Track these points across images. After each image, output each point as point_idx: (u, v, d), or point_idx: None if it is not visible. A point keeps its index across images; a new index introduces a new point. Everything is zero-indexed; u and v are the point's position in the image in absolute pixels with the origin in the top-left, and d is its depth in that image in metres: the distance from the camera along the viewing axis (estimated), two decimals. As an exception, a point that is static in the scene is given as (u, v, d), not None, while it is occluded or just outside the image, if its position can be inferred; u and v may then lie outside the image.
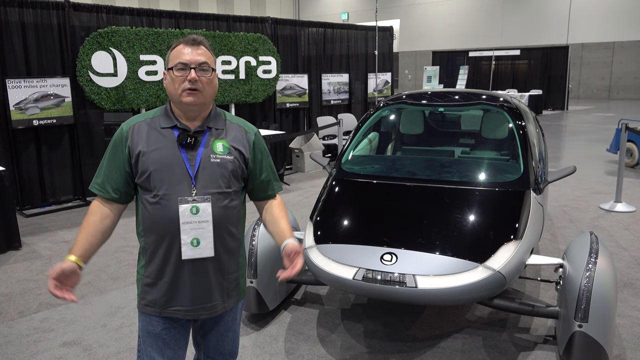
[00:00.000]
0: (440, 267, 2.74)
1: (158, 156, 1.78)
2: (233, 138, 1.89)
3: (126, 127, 1.84)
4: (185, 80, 1.77)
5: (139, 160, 1.79)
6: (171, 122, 1.83)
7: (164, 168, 1.77)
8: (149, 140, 1.80)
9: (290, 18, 15.80)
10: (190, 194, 1.78)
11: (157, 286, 1.84)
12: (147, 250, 1.84)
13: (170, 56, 1.82)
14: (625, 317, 3.51)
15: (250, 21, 8.33)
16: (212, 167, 1.81)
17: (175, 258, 1.80)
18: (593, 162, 9.09)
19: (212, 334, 2.01)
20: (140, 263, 1.89)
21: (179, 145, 1.80)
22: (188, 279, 1.83)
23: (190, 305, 1.86)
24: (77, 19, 6.44)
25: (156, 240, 1.81)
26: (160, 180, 1.77)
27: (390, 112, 4.75)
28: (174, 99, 1.81)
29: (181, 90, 1.77)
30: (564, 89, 19.97)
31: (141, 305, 1.89)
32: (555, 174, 3.70)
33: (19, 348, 3.25)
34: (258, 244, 3.43)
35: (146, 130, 1.82)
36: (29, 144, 6.28)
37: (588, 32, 24.00)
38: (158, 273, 1.83)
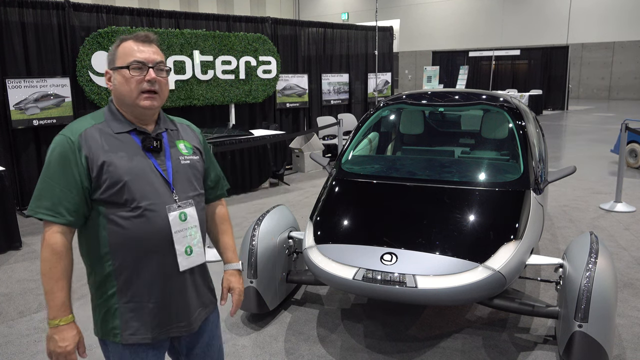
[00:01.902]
0: (440, 267, 2.74)
1: (127, 165, 1.59)
2: (189, 138, 1.81)
3: (73, 135, 1.58)
4: (143, 81, 1.61)
5: (104, 172, 1.56)
6: (126, 126, 1.65)
7: (138, 177, 1.59)
8: (109, 147, 1.59)
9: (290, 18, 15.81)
10: (174, 201, 1.65)
11: (148, 309, 1.65)
12: (119, 274, 1.62)
13: (119, 53, 1.63)
14: (625, 317, 3.51)
15: (250, 21, 8.33)
16: (184, 169, 1.71)
17: (167, 272, 1.65)
18: (593, 162, 9.09)
19: (198, 348, 1.85)
20: (108, 290, 1.64)
21: (145, 150, 1.64)
22: (181, 291, 1.69)
23: (182, 320, 1.72)
24: (77, 19, 6.44)
25: (137, 258, 1.61)
26: (138, 190, 1.58)
27: (390, 112, 4.75)
28: (128, 101, 1.63)
29: (138, 91, 1.61)
30: (564, 89, 19.98)
31: (126, 337, 1.65)
32: (555, 174, 3.70)
33: (19, 348, 3.25)
34: (258, 244, 3.43)
35: (100, 137, 1.60)
36: (29, 144, 6.28)
37: (588, 32, 24.01)
38: (145, 293, 1.64)
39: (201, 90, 7.54)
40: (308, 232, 3.24)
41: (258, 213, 6.06)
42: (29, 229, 5.66)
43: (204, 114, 7.90)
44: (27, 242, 5.23)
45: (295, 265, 3.80)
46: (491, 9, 26.75)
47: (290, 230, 3.71)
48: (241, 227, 5.58)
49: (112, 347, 1.69)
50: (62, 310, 1.61)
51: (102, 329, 1.69)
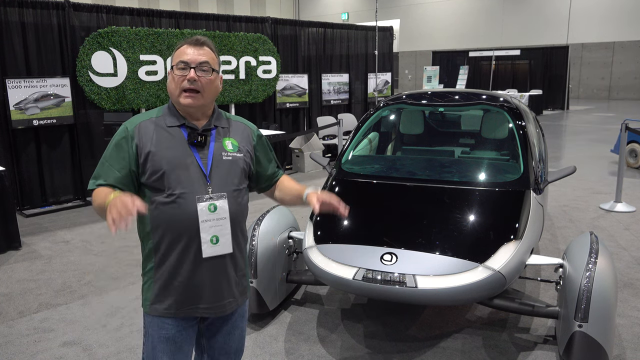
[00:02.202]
0: (440, 267, 2.74)
1: (170, 155, 1.75)
2: (239, 136, 1.92)
3: (130, 126, 1.79)
4: (185, 79, 1.76)
5: (149, 160, 1.74)
6: (178, 120, 1.81)
7: (177, 167, 1.75)
8: (158, 139, 1.77)
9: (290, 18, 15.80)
10: (207, 192, 1.78)
11: (173, 286, 1.81)
12: (157, 251, 1.80)
13: (174, 56, 1.81)
14: (625, 317, 3.51)
15: (250, 21, 8.33)
16: (224, 165, 1.83)
17: (193, 256, 1.79)
18: (593, 162, 9.09)
19: (220, 334, 1.98)
20: (148, 265, 1.84)
21: (189, 144, 1.79)
22: (206, 276, 1.82)
23: (209, 303, 1.85)
24: (77, 19, 6.44)
25: (171, 240, 1.77)
26: (175, 179, 1.74)
27: (390, 112, 4.75)
28: (173, 98, 1.81)
29: (179, 90, 1.77)
30: (564, 89, 19.97)
31: (153, 308, 1.83)
32: (555, 174, 3.70)
33: (19, 348, 3.25)
34: (258, 244, 3.43)
35: (152, 129, 1.78)
36: (29, 144, 6.28)
37: (588, 32, 24.00)
38: (173, 272, 1.80)
39: (201, 90, 7.52)
40: (308, 232, 3.24)
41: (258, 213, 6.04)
42: (29, 229, 5.66)
43: (204, 114, 7.89)
44: (27, 242, 5.23)
45: (295, 265, 3.80)
46: (491, 9, 26.74)
47: (290, 230, 3.71)
48: (241, 227, 5.58)
49: (146, 317, 1.88)
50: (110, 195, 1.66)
51: (143, 298, 1.88)
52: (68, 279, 4.29)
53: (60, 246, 5.09)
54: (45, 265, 4.61)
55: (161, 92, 7.07)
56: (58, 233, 5.52)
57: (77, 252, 4.89)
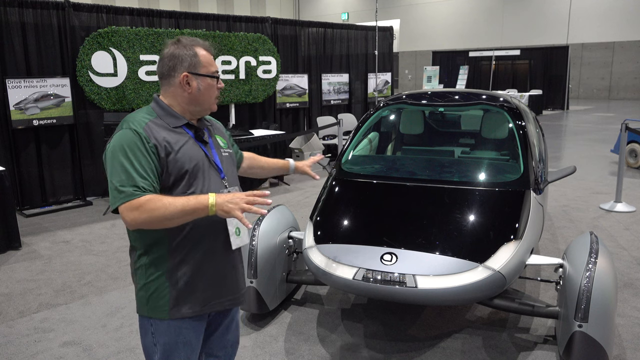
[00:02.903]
0: (440, 267, 2.74)
1: (189, 154, 1.77)
2: (221, 132, 2.03)
3: (138, 128, 1.73)
4: (217, 88, 1.87)
5: (170, 160, 1.73)
6: (180, 120, 1.83)
7: (197, 165, 1.79)
8: (170, 139, 1.76)
9: (290, 18, 15.80)
10: (225, 186, 1.86)
11: (200, 283, 1.81)
12: (176, 253, 1.77)
13: (203, 61, 1.81)
14: (625, 317, 3.51)
15: (250, 21, 8.33)
16: (227, 160, 1.94)
17: (218, 249, 1.84)
18: (593, 162, 9.09)
19: (219, 330, 2.02)
20: (158, 270, 1.78)
21: (198, 141, 1.84)
22: (228, 268, 1.89)
23: (232, 294, 1.92)
24: (77, 19, 6.44)
25: (194, 237, 1.78)
26: (196, 177, 1.78)
27: (390, 112, 4.75)
28: (205, 104, 1.85)
29: (214, 98, 1.87)
30: (564, 89, 19.96)
31: (173, 313, 1.79)
32: (555, 174, 3.70)
33: (19, 348, 3.25)
34: (258, 244, 3.43)
35: (159, 130, 1.76)
36: (29, 144, 6.28)
37: (588, 32, 24.00)
38: (197, 270, 1.80)
39: (201, 90, 7.53)
40: (308, 232, 3.23)
41: (258, 213, 6.04)
42: (29, 229, 5.66)
43: (204, 114, 7.89)
44: (27, 242, 5.23)
45: (295, 265, 3.80)
46: (491, 9, 26.74)
47: (290, 230, 3.71)
48: (241, 227, 5.58)
49: (157, 325, 1.82)
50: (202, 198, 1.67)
51: (149, 307, 1.80)
52: (68, 279, 4.29)
53: (60, 246, 5.09)
54: (45, 265, 4.61)
55: (161, 92, 7.07)
56: (58, 233, 5.52)
57: (77, 252, 4.88)
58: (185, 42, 1.81)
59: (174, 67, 1.79)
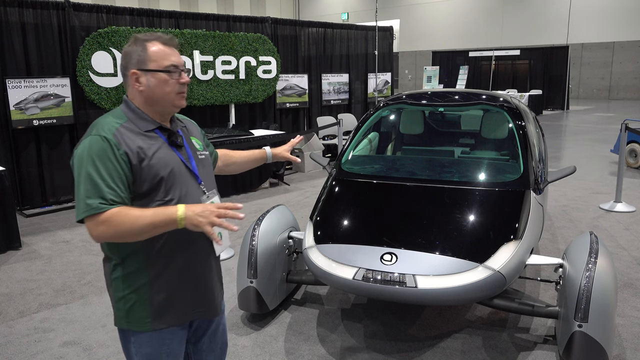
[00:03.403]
0: (440, 267, 2.74)
1: (162, 160, 1.69)
2: (196, 134, 1.95)
3: (107, 134, 1.63)
4: (178, 83, 1.73)
5: (142, 167, 1.65)
6: (152, 124, 1.73)
7: (173, 171, 1.70)
8: (141, 144, 1.67)
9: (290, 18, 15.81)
10: (203, 192, 1.79)
11: (179, 294, 1.75)
12: (154, 263, 1.70)
13: (151, 56, 1.69)
14: (625, 317, 3.51)
15: (250, 21, 8.33)
16: (203, 163, 1.86)
17: (201, 257, 1.79)
18: (593, 162, 9.09)
19: (206, 336, 1.96)
20: (138, 281, 1.70)
21: (172, 145, 1.75)
22: (210, 274, 1.84)
23: (213, 302, 1.87)
24: (77, 19, 6.44)
25: (176, 246, 1.71)
26: (172, 184, 1.69)
27: (390, 112, 4.75)
28: (164, 102, 1.72)
29: (175, 93, 1.73)
30: (564, 89, 19.97)
31: (154, 324, 1.73)
32: (555, 174, 3.70)
33: (19, 348, 3.25)
34: (258, 244, 3.43)
35: (130, 135, 1.67)
36: (29, 144, 6.28)
37: (588, 32, 24.00)
38: (178, 280, 1.74)
39: (201, 90, 7.54)
40: (308, 232, 3.24)
41: (258, 213, 6.06)
42: (29, 229, 5.66)
43: (204, 114, 7.90)
44: (27, 242, 5.23)
45: (295, 265, 3.80)
46: (491, 9, 26.74)
47: (290, 230, 3.71)
48: (241, 227, 5.58)
49: (138, 336, 1.74)
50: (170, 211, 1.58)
51: (129, 319, 1.73)
52: (68, 279, 4.29)
53: (60, 246, 5.09)
54: (45, 265, 4.61)
55: (161, 92, 7.07)
56: (58, 233, 5.52)
57: (77, 252, 4.88)
58: (140, 38, 1.72)
59: (125, 65, 1.72)
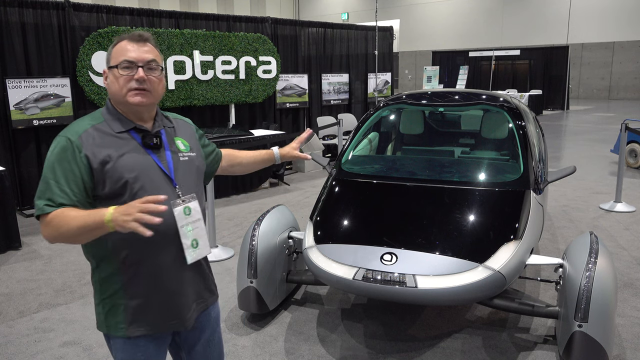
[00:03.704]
0: (440, 267, 2.74)
1: (129, 162, 1.62)
2: (186, 134, 1.85)
3: (73, 136, 1.60)
4: (132, 79, 1.63)
5: (106, 171, 1.59)
6: (126, 124, 1.67)
7: (140, 174, 1.62)
8: (109, 146, 1.62)
9: (290, 18, 15.81)
10: (178, 196, 1.68)
11: (151, 302, 1.69)
12: (125, 269, 1.66)
13: (113, 53, 1.66)
14: (625, 317, 3.51)
15: (250, 21, 8.33)
16: (183, 165, 1.75)
17: (172, 265, 1.69)
18: (593, 162, 9.09)
19: (200, 344, 1.90)
20: (112, 287, 1.68)
21: (145, 147, 1.67)
22: (184, 284, 1.73)
23: (188, 312, 1.77)
24: (77, 19, 6.44)
25: (142, 253, 1.65)
26: (140, 187, 1.61)
27: (390, 112, 4.75)
28: (118, 99, 1.66)
29: (127, 90, 1.64)
30: (564, 89, 19.97)
31: (129, 331, 1.69)
32: (555, 174, 3.70)
33: (19, 348, 3.25)
34: (258, 244, 3.43)
35: (100, 136, 1.62)
36: (29, 144, 6.28)
37: (588, 32, 24.00)
38: (150, 288, 1.68)
39: (201, 90, 7.54)
40: (308, 232, 3.24)
41: (258, 213, 6.06)
42: (29, 229, 5.66)
43: (204, 114, 7.90)
44: (27, 242, 5.23)
45: (295, 265, 3.80)
46: (491, 9, 26.74)
47: (290, 230, 3.71)
48: (241, 227, 5.58)
49: (115, 341, 1.73)
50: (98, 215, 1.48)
51: (107, 324, 1.72)
52: (68, 279, 4.29)
53: (60, 246, 5.09)
54: (45, 265, 4.61)
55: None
56: (58, 233, 5.52)
57: (77, 252, 4.88)
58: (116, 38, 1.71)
59: None
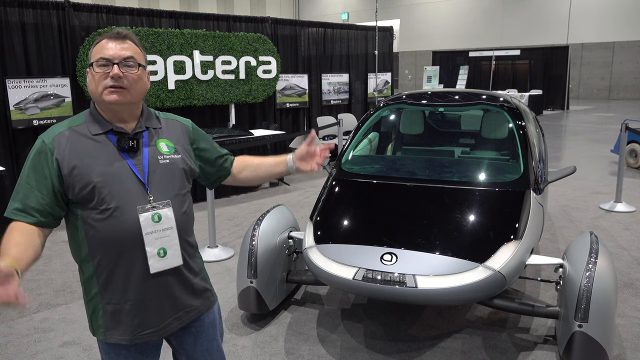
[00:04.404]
0: (440, 267, 2.74)
1: (99, 166, 1.58)
2: (174, 135, 1.77)
3: (48, 138, 1.59)
4: (107, 77, 1.59)
5: (74, 174, 1.56)
6: (104, 126, 1.63)
7: (110, 178, 1.58)
8: (82, 150, 1.59)
9: (290, 18, 15.80)
10: (148, 201, 1.61)
11: (124, 310, 1.64)
12: (99, 274, 1.63)
13: (92, 52, 1.63)
14: (625, 317, 3.51)
15: (250, 21, 8.33)
16: (162, 169, 1.67)
17: (140, 274, 1.62)
18: (593, 162, 9.09)
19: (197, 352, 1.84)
20: (92, 290, 1.66)
21: (120, 150, 1.62)
22: (156, 294, 1.66)
23: (162, 322, 1.70)
24: (77, 19, 6.44)
25: (113, 259, 1.61)
26: (108, 192, 1.57)
27: (390, 112, 4.75)
28: (95, 98, 1.62)
29: (102, 88, 1.59)
30: (564, 89, 19.97)
31: (107, 336, 1.66)
32: (555, 174, 3.70)
33: (19, 348, 3.25)
34: (258, 244, 3.43)
35: (75, 139, 1.60)
36: (29, 144, 6.27)
37: (588, 32, 24.00)
38: (121, 295, 1.63)
39: (201, 90, 7.54)
40: (308, 232, 3.24)
41: (258, 213, 6.05)
42: (29, 229, 5.65)
43: (204, 114, 7.90)
44: (27, 242, 5.22)
45: (295, 265, 3.80)
46: (491, 9, 26.74)
47: (290, 230, 3.71)
48: (241, 227, 5.58)
49: (100, 343, 1.74)
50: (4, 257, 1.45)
51: (91, 326, 1.72)
52: (68, 279, 4.29)
53: (60, 246, 5.08)
54: (45, 265, 4.61)
55: (161, 92, 7.07)
56: (58, 233, 5.52)
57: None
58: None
59: None
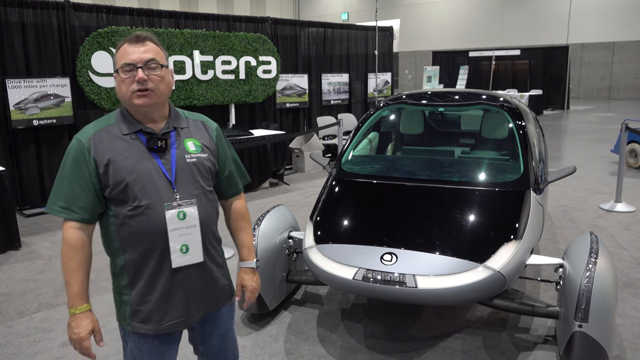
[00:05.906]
0: (440, 267, 2.74)
1: (131, 165, 1.68)
2: (200, 135, 1.85)
3: (84, 138, 1.69)
4: (134, 82, 1.66)
5: (109, 172, 1.66)
6: (134, 126, 1.72)
7: (141, 177, 1.68)
8: (116, 149, 1.68)
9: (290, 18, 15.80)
10: (175, 199, 1.71)
11: (150, 302, 1.75)
12: (129, 267, 1.74)
13: (116, 57, 1.71)
14: (625, 317, 3.51)
15: (250, 21, 8.33)
16: (189, 167, 1.76)
17: (167, 268, 1.73)
18: (593, 162, 9.09)
19: (213, 338, 1.96)
20: (121, 282, 1.77)
21: (150, 150, 1.71)
22: (182, 287, 1.77)
23: (187, 314, 1.81)
24: (77, 19, 6.44)
25: (142, 254, 1.72)
26: (139, 190, 1.67)
27: (390, 112, 4.75)
28: (125, 102, 1.71)
29: (130, 92, 1.67)
30: (564, 89, 19.96)
31: (133, 326, 1.78)
32: (555, 174, 3.70)
33: (19, 348, 3.25)
34: (258, 244, 3.43)
35: (108, 138, 1.70)
36: (29, 144, 6.28)
37: (588, 32, 24.00)
38: (149, 288, 1.74)
39: (201, 90, 7.54)
40: (308, 232, 3.24)
41: (258, 213, 6.06)
42: (29, 229, 5.66)
43: (204, 113, 7.81)
44: (26, 242, 5.23)
45: (295, 265, 3.80)
46: (491, 9, 26.74)
47: (290, 230, 3.71)
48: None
49: (124, 332, 1.84)
50: (78, 299, 1.70)
51: (119, 316, 1.82)
52: (68, 279, 4.29)
53: (60, 246, 5.08)
54: (45, 265, 4.61)
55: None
56: (58, 233, 5.52)
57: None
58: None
59: None
